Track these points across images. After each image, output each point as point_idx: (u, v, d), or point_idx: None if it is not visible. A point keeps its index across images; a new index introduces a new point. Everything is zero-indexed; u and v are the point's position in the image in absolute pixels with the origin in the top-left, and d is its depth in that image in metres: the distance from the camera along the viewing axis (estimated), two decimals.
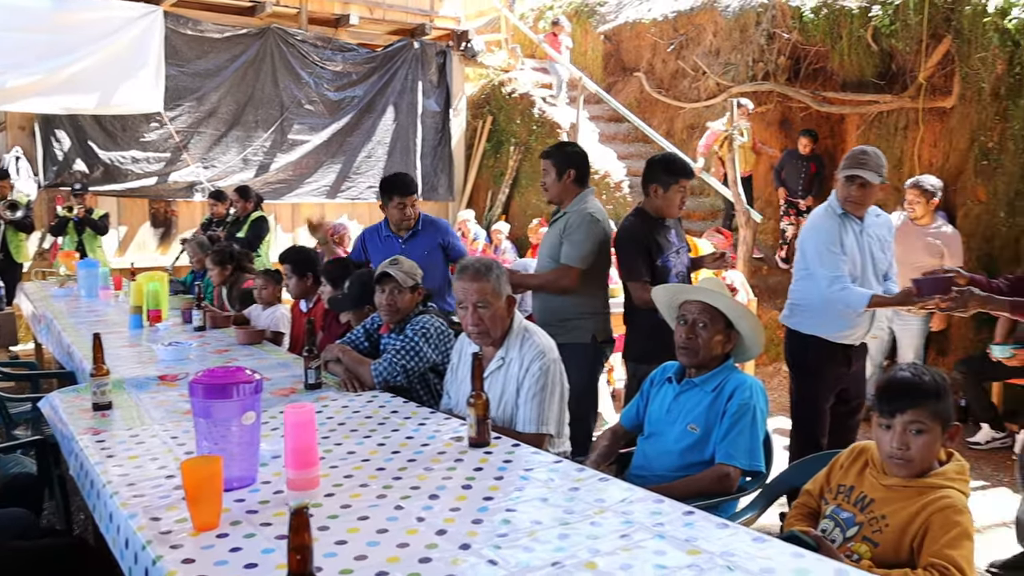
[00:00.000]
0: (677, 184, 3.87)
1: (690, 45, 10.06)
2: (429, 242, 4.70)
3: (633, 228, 3.94)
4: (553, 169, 4.01)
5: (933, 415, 2.14)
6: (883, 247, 3.80)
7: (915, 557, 2.10)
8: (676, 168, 3.91)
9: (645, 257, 3.87)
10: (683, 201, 3.95)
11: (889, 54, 7.66)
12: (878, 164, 3.64)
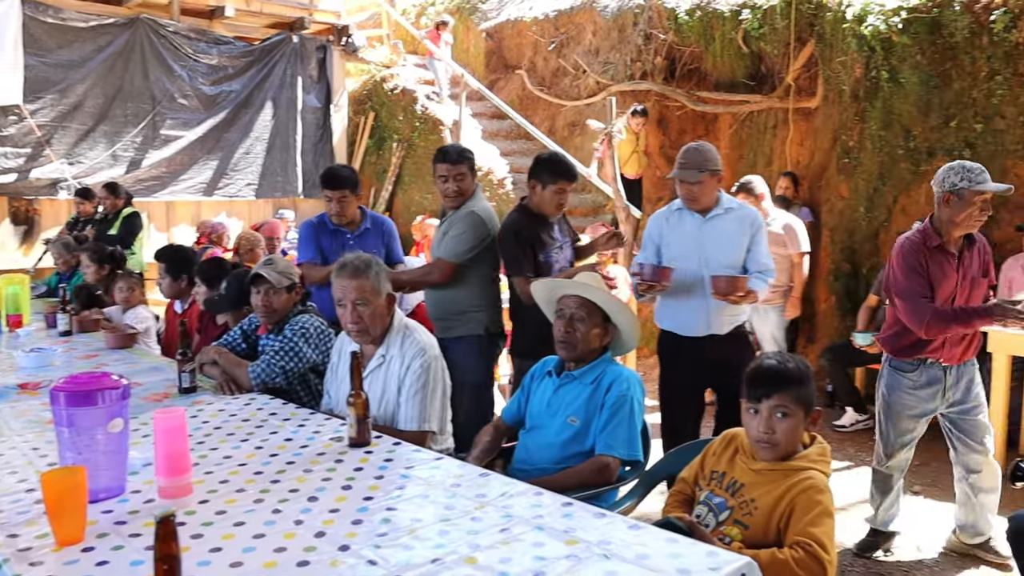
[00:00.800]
0: (556, 185, 3.91)
1: (570, 44, 10.22)
2: (376, 241, 4.52)
3: (515, 223, 3.97)
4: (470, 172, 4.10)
5: (796, 400, 2.24)
6: (731, 240, 3.78)
7: (782, 536, 2.20)
8: (559, 169, 3.94)
9: (528, 252, 3.91)
10: (562, 203, 3.98)
11: (759, 56, 7.97)
12: (699, 160, 3.72)
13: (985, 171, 3.46)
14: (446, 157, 4.05)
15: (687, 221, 3.85)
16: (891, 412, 3.72)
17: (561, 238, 4.09)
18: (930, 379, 3.61)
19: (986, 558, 3.75)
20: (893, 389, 3.70)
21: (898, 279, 3.53)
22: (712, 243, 3.78)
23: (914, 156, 6.18)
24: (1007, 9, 5.63)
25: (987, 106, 5.78)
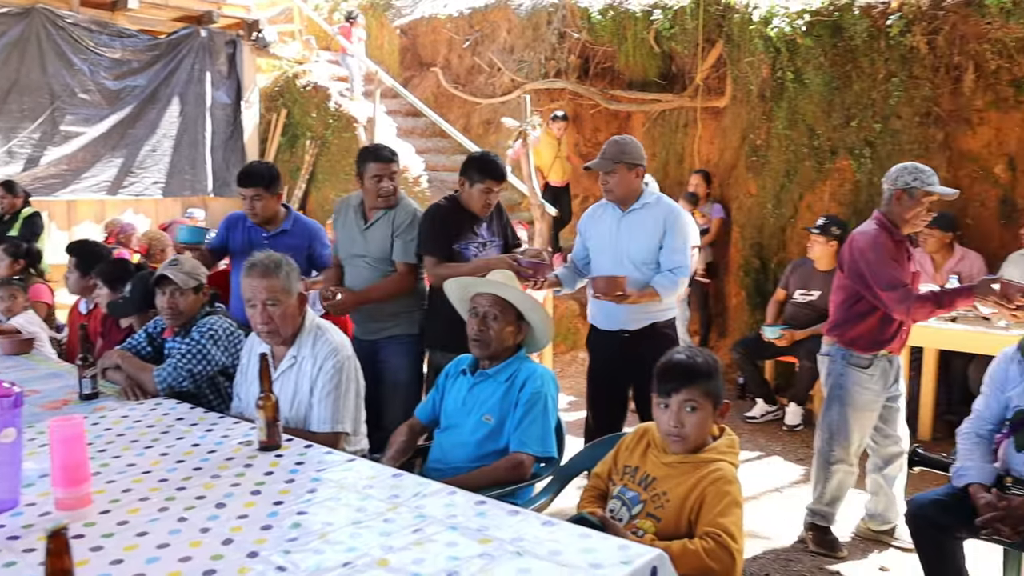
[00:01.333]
0: (483, 184, 3.86)
1: (485, 41, 10.22)
2: (295, 243, 4.24)
3: (439, 208, 3.98)
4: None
5: (705, 394, 2.29)
6: (647, 234, 3.80)
7: (693, 528, 2.24)
8: (486, 168, 3.88)
9: (443, 236, 3.89)
10: (488, 202, 3.92)
11: (670, 56, 8.12)
12: (614, 152, 3.77)
13: (935, 174, 3.61)
14: (380, 156, 3.91)
15: (608, 215, 3.90)
16: (853, 410, 3.73)
17: (487, 236, 4.03)
18: (883, 371, 3.71)
19: (892, 543, 3.90)
20: (851, 386, 3.71)
21: (877, 271, 3.55)
22: (628, 238, 3.82)
23: (818, 154, 6.39)
24: (902, 14, 5.86)
25: (885, 107, 6.02)
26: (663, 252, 3.81)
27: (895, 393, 3.79)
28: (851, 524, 4.07)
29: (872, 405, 3.73)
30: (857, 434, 3.76)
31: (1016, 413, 2.90)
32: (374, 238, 3.99)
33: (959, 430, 3.06)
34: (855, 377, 3.70)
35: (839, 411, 3.75)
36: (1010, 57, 5.52)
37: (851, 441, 3.77)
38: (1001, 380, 2.97)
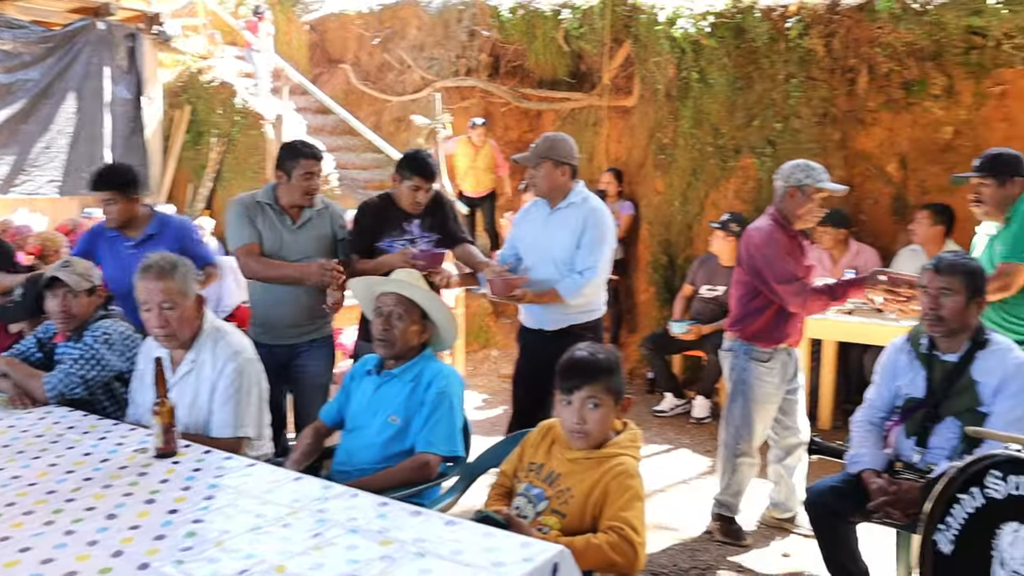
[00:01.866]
0: (411, 181, 3.86)
1: (395, 38, 10.13)
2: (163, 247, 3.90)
3: (369, 204, 4.02)
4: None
5: (607, 390, 2.32)
6: (569, 233, 3.76)
7: (597, 522, 2.26)
8: (414, 165, 3.88)
9: (366, 233, 3.91)
10: (416, 199, 3.91)
11: (579, 55, 8.19)
12: (543, 148, 3.79)
13: (827, 171, 3.73)
14: (314, 152, 3.81)
15: (537, 213, 3.91)
16: (756, 403, 3.81)
17: (419, 233, 4.00)
18: (783, 364, 3.81)
19: (794, 530, 4.03)
20: (753, 380, 3.79)
21: (772, 266, 3.64)
22: (552, 236, 3.81)
23: (723, 153, 6.54)
24: (800, 18, 6.04)
25: (785, 107, 6.20)
26: (578, 252, 3.76)
27: (794, 385, 3.91)
28: (755, 513, 4.19)
29: (773, 398, 3.83)
30: (760, 426, 3.87)
31: (906, 401, 3.02)
32: (309, 237, 3.86)
33: (853, 419, 3.18)
34: (756, 371, 3.79)
35: (742, 405, 3.84)
36: (900, 60, 5.75)
37: (754, 434, 3.87)
38: (891, 370, 3.09)
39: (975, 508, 2.20)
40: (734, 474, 3.94)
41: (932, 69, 5.69)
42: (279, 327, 3.84)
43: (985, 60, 5.50)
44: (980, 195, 3.61)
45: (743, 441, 3.88)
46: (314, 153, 3.80)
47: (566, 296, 3.72)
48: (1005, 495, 2.10)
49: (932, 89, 5.70)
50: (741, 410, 3.85)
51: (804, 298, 3.61)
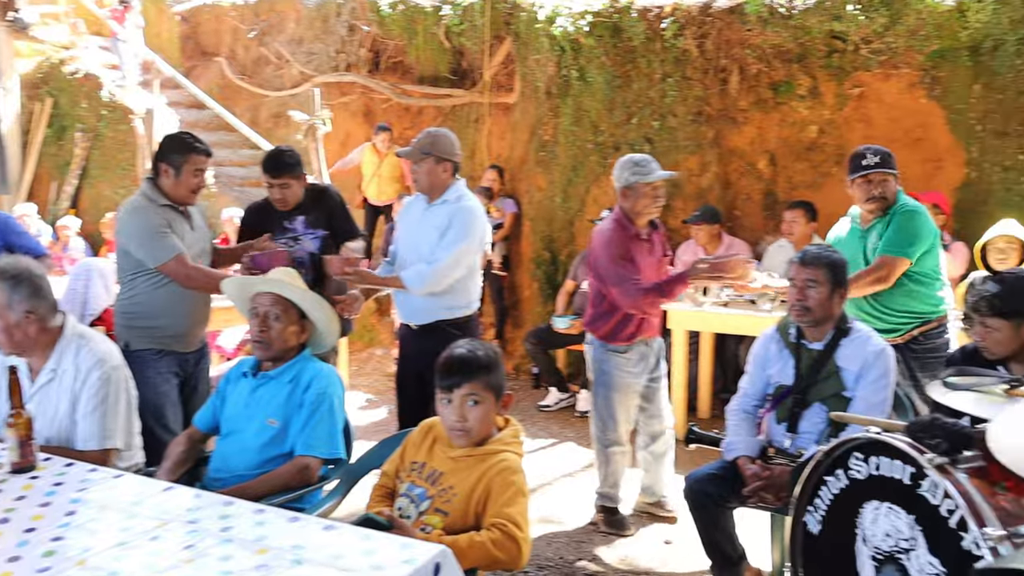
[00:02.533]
0: (265, 178, 3.97)
1: (272, 32, 9.86)
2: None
3: (253, 204, 4.22)
4: None
5: (487, 386, 2.31)
6: (436, 230, 3.70)
7: (481, 520, 2.25)
8: (265, 164, 3.99)
9: (249, 234, 4.00)
10: (281, 196, 3.97)
11: (460, 52, 8.18)
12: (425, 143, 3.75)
13: (652, 162, 3.81)
14: (205, 148, 3.65)
15: (416, 207, 3.88)
16: (616, 394, 3.92)
17: (302, 230, 4.01)
18: (641, 355, 3.92)
19: (659, 513, 4.16)
20: (613, 371, 3.89)
21: (607, 268, 3.75)
22: (423, 231, 3.78)
23: (602, 150, 6.65)
24: (675, 19, 6.21)
25: (662, 105, 6.35)
26: (438, 246, 3.68)
27: (657, 374, 4.04)
28: (632, 499, 4.29)
29: (633, 387, 3.97)
30: (623, 416, 3.99)
31: (776, 388, 3.14)
32: (198, 238, 3.74)
33: (728, 407, 3.28)
34: (615, 362, 3.92)
35: (604, 396, 3.96)
36: (768, 62, 5.99)
37: (619, 423, 3.98)
38: (762, 359, 3.21)
39: (840, 489, 2.31)
40: (608, 465, 4.04)
41: (798, 71, 5.95)
42: (194, 334, 3.71)
43: (845, 63, 5.79)
44: (885, 191, 3.73)
45: (609, 431, 3.99)
46: (206, 149, 3.66)
47: (408, 284, 3.64)
48: (866, 475, 2.21)
49: (798, 90, 5.97)
50: (603, 401, 3.97)
51: (635, 299, 3.74)
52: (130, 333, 3.57)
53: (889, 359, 2.98)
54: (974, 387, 2.28)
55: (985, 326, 2.71)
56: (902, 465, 2.08)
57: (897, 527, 2.10)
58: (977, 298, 2.73)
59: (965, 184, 5.58)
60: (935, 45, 5.52)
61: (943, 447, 1.98)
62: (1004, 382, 2.29)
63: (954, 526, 1.92)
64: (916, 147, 5.70)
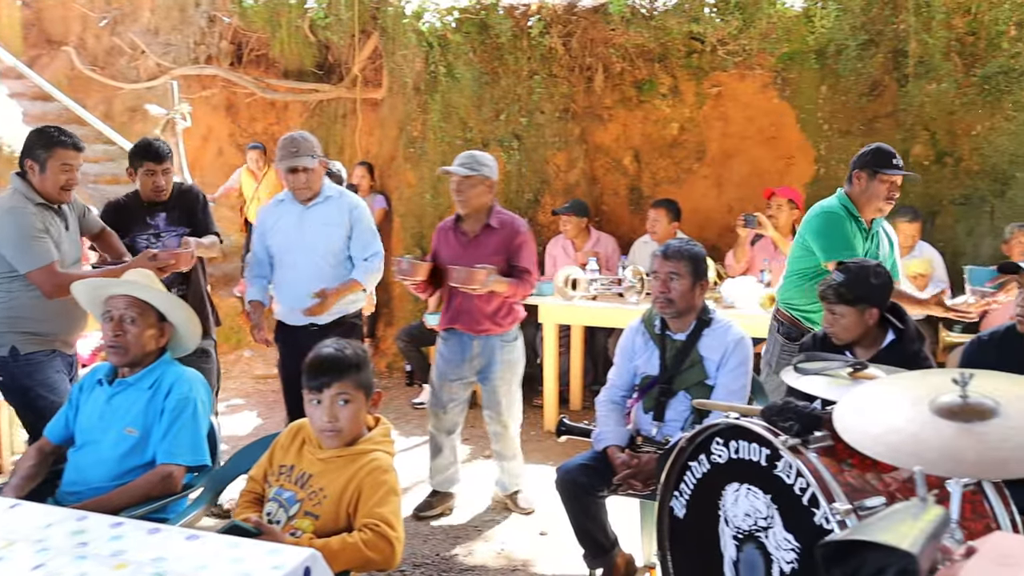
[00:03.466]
0: (143, 166, 3.86)
1: (126, 20, 9.39)
2: None
3: (113, 201, 4.04)
4: None
5: (356, 385, 2.28)
6: (335, 227, 3.88)
7: (353, 521, 2.23)
8: (141, 151, 3.90)
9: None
10: (156, 185, 3.89)
11: (326, 46, 8.02)
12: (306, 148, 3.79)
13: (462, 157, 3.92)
14: (73, 143, 3.43)
15: (288, 211, 3.91)
16: (436, 376, 4.11)
17: (164, 226, 3.94)
18: (459, 346, 4.02)
19: (514, 508, 4.24)
20: (438, 356, 4.11)
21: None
22: (314, 232, 3.85)
23: (471, 146, 6.63)
24: (540, 17, 6.29)
25: (529, 102, 6.42)
26: (353, 244, 3.90)
27: (486, 373, 4.10)
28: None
29: (446, 376, 4.10)
30: (437, 403, 4.13)
31: (643, 379, 3.24)
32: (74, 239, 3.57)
33: (597, 399, 3.36)
34: (439, 349, 4.15)
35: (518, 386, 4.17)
36: (632, 61, 6.15)
37: (434, 407, 4.15)
38: (629, 350, 3.30)
39: (703, 473, 2.40)
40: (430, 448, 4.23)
41: (659, 70, 6.14)
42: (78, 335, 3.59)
43: (704, 63, 6.01)
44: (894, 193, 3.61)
45: (430, 415, 4.18)
46: (74, 143, 3.44)
47: (368, 282, 3.96)
48: (727, 459, 2.31)
49: (660, 89, 6.15)
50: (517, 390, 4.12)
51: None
52: (16, 338, 3.30)
53: (747, 348, 3.12)
54: (822, 371, 2.42)
55: (833, 313, 2.88)
56: (759, 448, 2.19)
57: (756, 507, 2.21)
58: (825, 287, 2.90)
59: (815, 180, 5.89)
60: (785, 48, 5.81)
61: (795, 429, 2.09)
62: (849, 366, 2.45)
63: (806, 503, 2.03)
64: (770, 145, 5.99)
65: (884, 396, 1.76)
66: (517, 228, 3.98)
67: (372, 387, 2.34)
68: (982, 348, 2.84)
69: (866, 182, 3.56)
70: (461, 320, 3.97)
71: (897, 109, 5.63)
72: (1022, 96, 5.28)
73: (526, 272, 3.94)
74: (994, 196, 5.43)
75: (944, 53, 5.44)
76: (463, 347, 4.01)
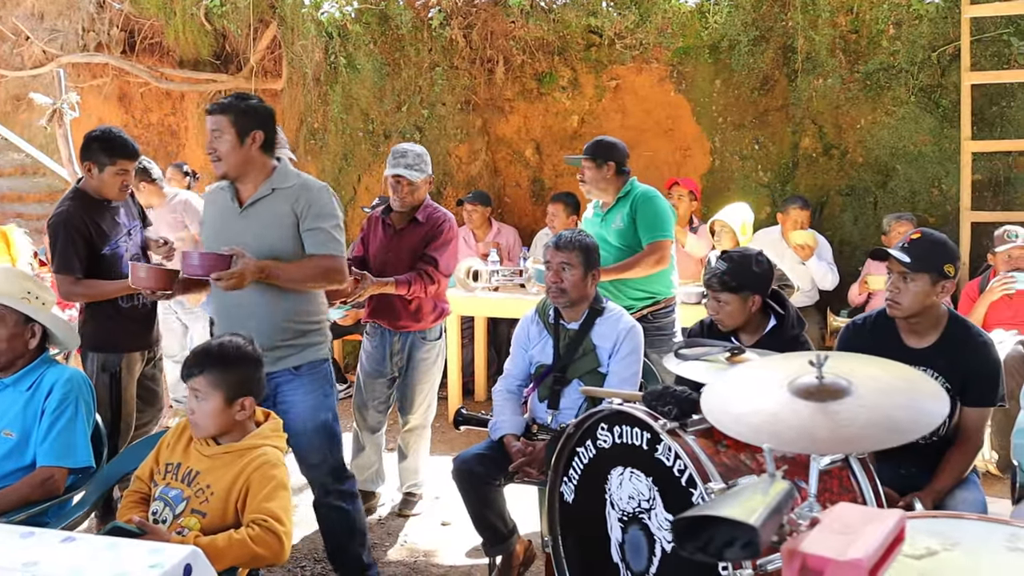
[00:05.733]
0: (116, 165, 3.47)
1: (7, 4, 8.97)
2: None
3: (68, 213, 3.43)
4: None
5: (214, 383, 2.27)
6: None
7: (241, 517, 2.21)
8: (115, 148, 3.48)
9: (84, 244, 3.43)
10: (124, 185, 3.55)
11: (223, 35, 7.84)
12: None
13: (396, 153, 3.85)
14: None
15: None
16: (361, 373, 4.03)
17: (129, 223, 3.65)
18: (380, 342, 3.96)
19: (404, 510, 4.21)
20: (363, 351, 4.03)
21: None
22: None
23: (373, 138, 6.63)
24: (441, 8, 6.28)
25: (431, 94, 6.42)
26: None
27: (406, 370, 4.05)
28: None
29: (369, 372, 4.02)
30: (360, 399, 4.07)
31: (537, 368, 3.29)
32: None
33: (494, 389, 3.40)
34: (363, 344, 4.07)
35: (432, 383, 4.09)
36: (532, 54, 6.21)
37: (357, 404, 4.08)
38: (524, 340, 3.35)
39: (589, 459, 2.46)
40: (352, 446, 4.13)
41: (559, 63, 6.21)
42: None
43: (602, 57, 6.12)
44: (583, 175, 4.04)
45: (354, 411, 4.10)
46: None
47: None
48: (611, 444, 2.37)
49: (560, 81, 6.23)
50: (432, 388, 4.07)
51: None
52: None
53: (638, 335, 3.21)
54: (702, 356, 2.51)
55: (717, 300, 2.98)
56: (640, 432, 2.26)
57: (639, 489, 2.28)
58: (710, 275, 3.00)
59: (710, 171, 6.07)
60: (680, 43, 5.96)
61: (674, 413, 2.17)
62: (727, 351, 2.55)
63: (685, 484, 2.11)
64: (668, 137, 6.14)
65: (751, 379, 1.85)
66: (438, 224, 3.88)
67: (242, 389, 2.30)
68: (857, 332, 2.97)
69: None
70: (381, 315, 3.90)
71: (787, 103, 5.83)
72: (901, 92, 5.54)
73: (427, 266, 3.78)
74: (877, 187, 5.69)
75: (830, 50, 5.66)
76: (384, 343, 3.94)
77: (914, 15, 5.46)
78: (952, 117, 5.38)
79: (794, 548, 1.16)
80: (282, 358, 2.90)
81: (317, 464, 3.03)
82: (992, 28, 5.33)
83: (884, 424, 1.58)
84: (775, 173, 5.91)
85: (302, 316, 2.95)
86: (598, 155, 3.97)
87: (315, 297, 3.03)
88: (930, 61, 5.47)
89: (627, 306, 3.69)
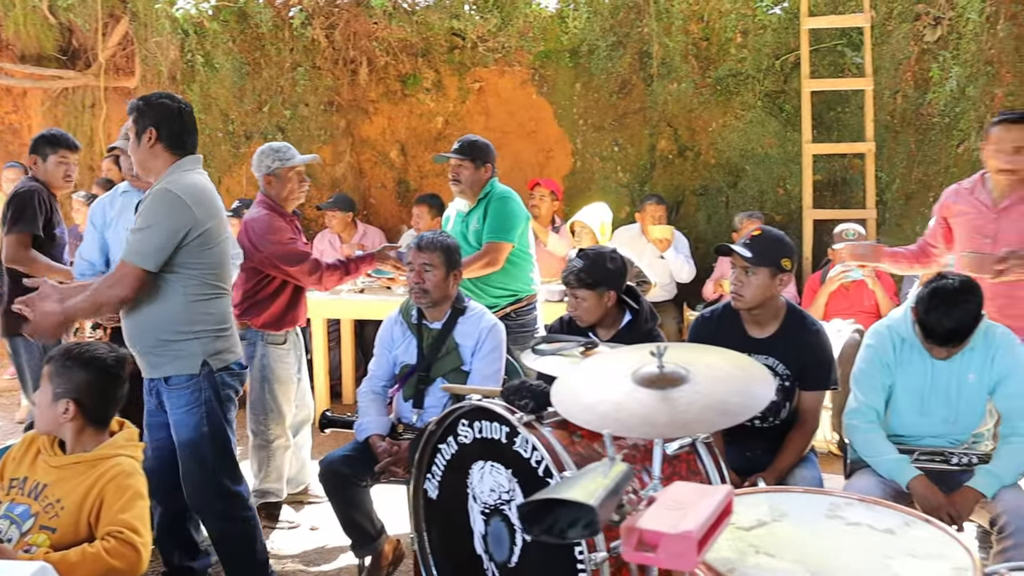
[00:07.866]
0: (58, 155, 3.97)
1: None
2: None
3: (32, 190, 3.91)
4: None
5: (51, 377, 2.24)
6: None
7: (94, 531, 2.15)
8: (58, 139, 4.01)
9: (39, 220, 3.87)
10: (67, 174, 4.04)
11: (70, 29, 7.46)
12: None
13: (292, 148, 3.86)
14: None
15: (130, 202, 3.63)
16: (280, 385, 3.86)
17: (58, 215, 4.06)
18: (294, 343, 3.94)
19: (307, 500, 4.21)
20: (275, 363, 3.84)
21: (281, 250, 3.73)
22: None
23: (234, 139, 6.49)
24: (302, 8, 6.21)
25: (293, 94, 6.34)
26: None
27: (302, 363, 4.08)
28: None
29: (293, 377, 3.96)
30: (287, 407, 3.96)
31: (402, 368, 3.32)
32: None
33: (359, 390, 3.41)
34: (275, 354, 3.87)
35: (269, 390, 3.88)
36: (396, 55, 6.22)
37: (284, 415, 3.95)
38: (388, 341, 3.37)
39: (451, 455, 2.52)
40: (273, 460, 3.96)
41: (423, 65, 6.25)
42: None
43: (465, 59, 6.20)
44: (459, 175, 4.03)
45: (275, 425, 3.93)
46: None
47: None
48: (472, 439, 2.43)
49: (424, 83, 6.27)
50: (269, 395, 3.88)
51: (319, 275, 3.81)
52: None
53: (500, 333, 3.28)
54: (559, 351, 2.61)
55: (576, 297, 3.09)
56: (499, 426, 2.32)
57: (499, 481, 2.35)
58: (567, 273, 3.11)
59: (572, 172, 6.25)
60: (541, 47, 6.10)
61: (530, 406, 2.25)
62: (581, 345, 2.65)
63: (542, 474, 2.19)
64: (530, 139, 6.27)
65: (599, 371, 1.94)
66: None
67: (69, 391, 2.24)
68: (705, 324, 3.14)
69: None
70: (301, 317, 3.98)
71: (644, 106, 6.06)
72: (749, 97, 5.85)
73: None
74: (728, 187, 6.00)
75: (683, 56, 5.93)
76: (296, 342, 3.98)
77: (759, 25, 5.79)
78: (795, 121, 5.73)
79: (631, 525, 1.25)
80: (154, 365, 2.79)
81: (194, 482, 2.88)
82: (828, 39, 5.71)
83: (717, 408, 1.70)
84: (633, 174, 6.14)
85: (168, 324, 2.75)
86: (476, 156, 4.01)
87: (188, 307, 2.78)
88: (774, 68, 5.81)
89: (489, 304, 3.76)
